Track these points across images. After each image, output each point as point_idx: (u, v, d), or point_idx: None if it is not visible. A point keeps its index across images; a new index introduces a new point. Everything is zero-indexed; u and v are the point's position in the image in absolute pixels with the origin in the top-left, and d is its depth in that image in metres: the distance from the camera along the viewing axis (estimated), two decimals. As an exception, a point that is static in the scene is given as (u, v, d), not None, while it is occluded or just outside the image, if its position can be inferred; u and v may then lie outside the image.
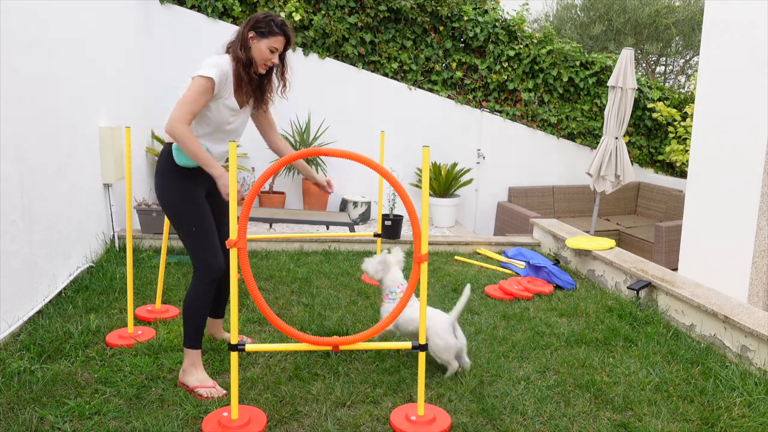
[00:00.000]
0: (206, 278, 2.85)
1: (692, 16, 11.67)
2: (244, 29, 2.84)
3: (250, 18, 2.87)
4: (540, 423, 2.67)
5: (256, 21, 2.84)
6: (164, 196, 2.87)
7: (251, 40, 2.84)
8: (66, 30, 4.25)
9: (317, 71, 7.62)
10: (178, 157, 2.82)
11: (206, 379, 2.86)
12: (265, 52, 2.85)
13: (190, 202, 2.86)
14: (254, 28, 2.83)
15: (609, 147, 7.13)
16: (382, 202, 4.70)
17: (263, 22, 2.83)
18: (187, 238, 2.86)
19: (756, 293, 5.14)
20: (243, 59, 2.82)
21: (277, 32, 2.84)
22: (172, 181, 2.85)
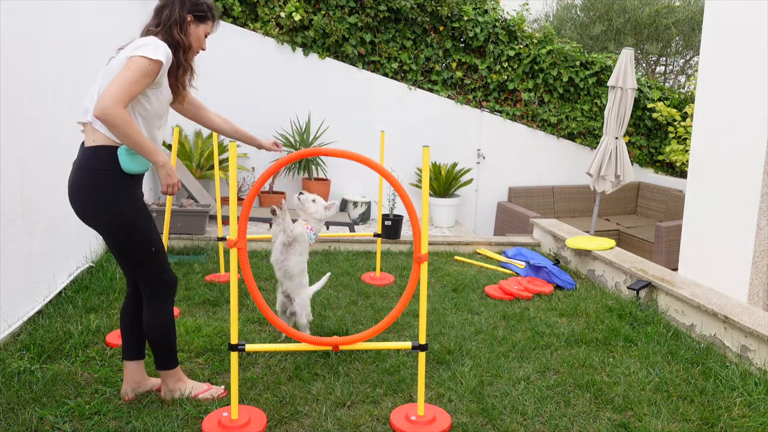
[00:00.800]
0: (170, 295, 2.61)
1: (692, 16, 11.67)
2: (181, 11, 2.49)
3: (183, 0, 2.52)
4: (540, 423, 2.67)
5: (193, 3, 2.52)
6: (111, 212, 2.39)
7: (189, 25, 2.52)
8: (66, 30, 4.25)
9: (317, 71, 7.62)
10: (128, 162, 2.37)
11: (198, 385, 2.77)
12: (202, 38, 2.60)
13: (142, 214, 2.47)
14: (193, 11, 2.52)
15: (609, 147, 7.13)
16: (382, 202, 4.70)
17: (200, 5, 2.54)
18: (142, 256, 2.48)
19: (756, 293, 5.14)
20: (184, 45, 2.50)
21: (213, 16, 2.61)
22: (119, 192, 2.39)
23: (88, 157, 2.38)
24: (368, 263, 5.13)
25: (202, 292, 4.15)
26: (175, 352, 2.71)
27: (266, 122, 7.49)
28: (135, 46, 2.36)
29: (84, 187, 2.38)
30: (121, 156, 2.36)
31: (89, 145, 2.39)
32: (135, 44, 2.38)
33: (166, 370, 2.69)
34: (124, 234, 2.44)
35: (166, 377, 2.71)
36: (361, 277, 4.73)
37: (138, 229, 2.46)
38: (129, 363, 2.71)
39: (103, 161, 2.36)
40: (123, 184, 2.40)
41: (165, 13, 2.49)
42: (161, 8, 2.51)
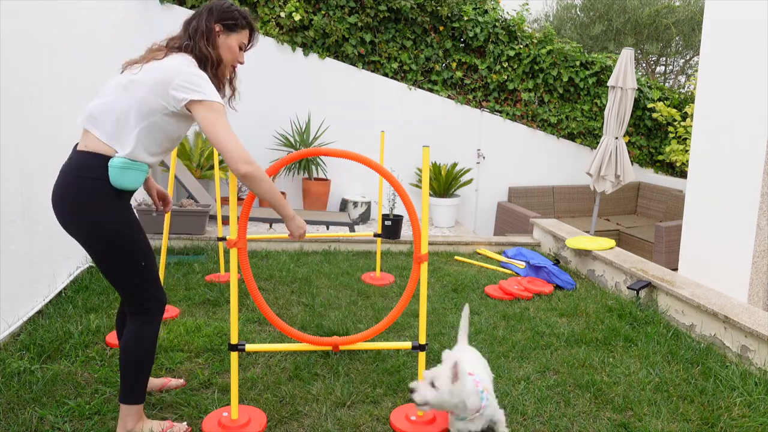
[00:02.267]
0: (160, 315, 2.37)
1: (692, 16, 11.67)
2: (208, 21, 2.30)
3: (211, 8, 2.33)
4: (540, 423, 2.67)
5: (222, 11, 2.33)
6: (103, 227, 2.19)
7: (218, 36, 2.33)
8: (66, 30, 4.25)
9: (317, 71, 7.62)
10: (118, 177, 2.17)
11: (159, 423, 2.44)
12: (235, 50, 2.39)
13: (135, 229, 2.27)
14: (221, 20, 2.32)
15: (609, 147, 7.13)
16: (382, 202, 4.70)
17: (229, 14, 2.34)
18: (133, 273, 2.27)
19: (756, 293, 5.14)
20: (212, 58, 2.31)
21: (245, 25, 2.39)
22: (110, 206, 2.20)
23: (77, 163, 2.20)
24: (368, 263, 5.13)
25: (202, 292, 4.15)
26: (145, 386, 2.37)
27: (266, 122, 7.49)
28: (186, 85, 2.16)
29: (69, 192, 2.20)
30: (112, 169, 2.16)
31: (80, 149, 2.22)
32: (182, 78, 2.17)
33: (129, 405, 2.34)
34: (117, 250, 2.22)
35: (126, 415, 2.34)
36: (361, 277, 4.73)
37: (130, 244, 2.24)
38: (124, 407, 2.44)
39: (93, 170, 2.17)
40: (115, 198, 2.20)
41: (192, 25, 2.32)
42: (189, 20, 2.34)
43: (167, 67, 2.21)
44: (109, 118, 2.19)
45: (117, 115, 2.19)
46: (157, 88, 2.18)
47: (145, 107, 2.19)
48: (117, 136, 2.19)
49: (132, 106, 2.19)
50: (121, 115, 2.19)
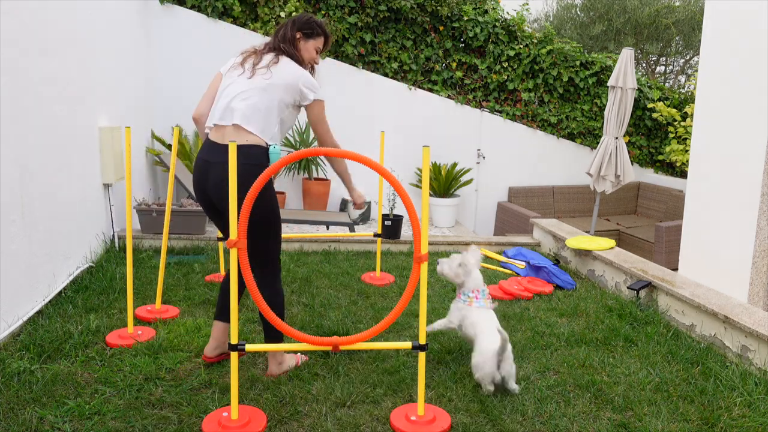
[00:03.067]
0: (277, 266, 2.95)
1: (692, 16, 11.67)
2: (291, 30, 2.98)
3: (293, 20, 3.02)
4: (540, 423, 2.67)
5: (301, 22, 3.00)
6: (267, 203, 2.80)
7: (299, 41, 2.99)
8: (66, 30, 4.25)
9: (317, 71, 7.61)
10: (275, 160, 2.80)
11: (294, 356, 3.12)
12: (312, 53, 3.04)
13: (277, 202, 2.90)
14: (300, 29, 2.99)
15: (609, 147, 7.13)
16: (382, 202, 4.70)
17: (308, 24, 3.01)
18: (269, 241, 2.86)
19: (756, 293, 5.14)
20: (298, 59, 2.97)
21: (321, 33, 3.05)
22: (271, 186, 2.84)
23: (247, 155, 2.72)
24: (368, 263, 5.13)
25: (202, 292, 4.15)
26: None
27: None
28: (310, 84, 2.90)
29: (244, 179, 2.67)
30: (273, 155, 2.78)
31: (243, 144, 2.73)
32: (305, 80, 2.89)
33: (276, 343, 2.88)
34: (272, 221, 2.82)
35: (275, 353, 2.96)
36: (361, 277, 4.73)
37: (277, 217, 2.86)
38: (219, 323, 3.05)
39: (260, 158, 2.76)
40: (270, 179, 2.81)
41: (279, 34, 2.99)
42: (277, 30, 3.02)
43: (291, 71, 2.89)
44: (258, 116, 2.78)
45: (264, 113, 2.79)
46: (289, 89, 2.85)
47: (282, 104, 2.84)
48: (266, 130, 2.80)
49: (273, 105, 2.82)
50: (267, 112, 2.80)
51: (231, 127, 2.80)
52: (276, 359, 3.01)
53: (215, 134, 2.85)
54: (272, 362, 3.02)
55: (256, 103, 2.79)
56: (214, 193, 2.83)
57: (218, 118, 2.83)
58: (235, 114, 2.79)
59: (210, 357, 3.08)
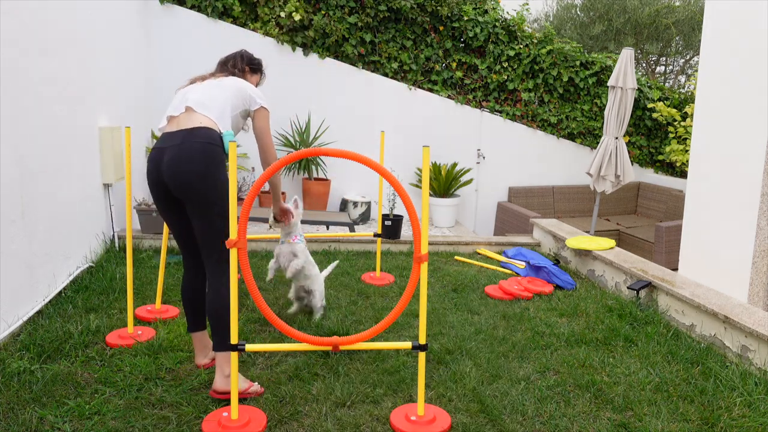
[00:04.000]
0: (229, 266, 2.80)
1: (692, 16, 11.67)
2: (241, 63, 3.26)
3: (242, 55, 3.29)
4: (540, 423, 2.67)
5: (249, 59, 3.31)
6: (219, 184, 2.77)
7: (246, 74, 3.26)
8: (65, 30, 4.25)
9: (317, 71, 7.62)
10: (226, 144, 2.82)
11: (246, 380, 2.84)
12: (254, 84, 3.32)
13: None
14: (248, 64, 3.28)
15: (609, 147, 7.13)
16: (382, 202, 4.70)
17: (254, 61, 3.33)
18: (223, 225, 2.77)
19: (756, 293, 5.14)
20: None
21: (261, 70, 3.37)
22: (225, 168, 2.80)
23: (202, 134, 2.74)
24: (368, 263, 5.13)
25: (202, 292, 4.15)
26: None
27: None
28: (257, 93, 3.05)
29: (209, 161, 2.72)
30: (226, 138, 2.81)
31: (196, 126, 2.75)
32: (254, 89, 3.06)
33: (222, 352, 2.74)
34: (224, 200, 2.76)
35: (223, 362, 2.73)
36: (361, 277, 4.73)
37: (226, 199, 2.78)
38: (195, 334, 3.05)
39: (215, 139, 2.77)
40: (224, 161, 2.83)
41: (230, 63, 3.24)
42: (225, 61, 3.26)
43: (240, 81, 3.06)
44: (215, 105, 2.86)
45: (220, 103, 2.88)
46: (238, 93, 2.97)
47: (234, 104, 2.94)
48: (221, 118, 2.86)
49: (228, 100, 2.92)
50: (222, 104, 2.89)
51: (184, 113, 2.81)
52: (223, 372, 2.75)
53: (169, 126, 2.84)
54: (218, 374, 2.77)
55: (212, 94, 2.89)
56: (168, 175, 2.72)
57: (171, 111, 2.86)
58: (189, 101, 2.83)
59: (205, 363, 3.07)
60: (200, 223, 2.76)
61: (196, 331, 3.04)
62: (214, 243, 2.78)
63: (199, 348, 3.07)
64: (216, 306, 2.74)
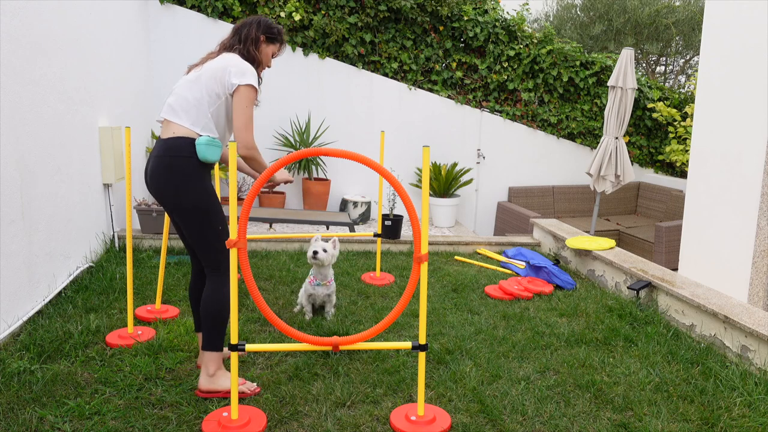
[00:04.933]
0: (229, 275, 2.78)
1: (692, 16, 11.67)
2: (256, 31, 2.93)
3: (259, 22, 2.96)
4: (540, 423, 2.67)
5: (266, 26, 2.97)
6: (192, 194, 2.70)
7: (261, 44, 2.96)
8: (66, 30, 4.25)
9: (317, 71, 7.62)
10: (206, 152, 2.70)
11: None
12: (269, 57, 3.03)
13: (214, 196, 2.79)
14: (265, 32, 2.96)
15: (609, 147, 7.13)
16: (382, 202, 4.70)
17: (272, 29, 2.99)
18: (213, 235, 2.75)
19: (756, 293, 5.14)
20: (257, 59, 2.94)
21: (281, 39, 3.04)
22: (198, 178, 2.72)
23: (169, 147, 2.68)
24: (368, 263, 5.13)
25: (202, 292, 4.15)
26: (223, 336, 2.79)
27: (266, 122, 7.49)
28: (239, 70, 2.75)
29: (166, 170, 2.68)
30: (199, 146, 2.68)
31: (169, 137, 2.70)
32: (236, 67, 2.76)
33: (213, 352, 2.75)
34: (203, 213, 2.71)
35: (209, 361, 2.75)
36: (361, 277, 4.73)
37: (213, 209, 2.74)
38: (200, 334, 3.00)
39: (183, 150, 2.68)
40: (202, 171, 2.73)
41: (243, 32, 2.93)
42: (239, 27, 2.95)
43: (222, 59, 2.81)
44: (187, 107, 2.72)
45: (193, 103, 2.72)
46: (216, 74, 2.74)
47: (213, 93, 2.74)
48: (197, 121, 2.72)
49: (203, 95, 2.73)
50: (197, 103, 2.72)
51: (163, 120, 2.80)
52: (207, 370, 2.77)
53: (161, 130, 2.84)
54: (203, 373, 2.79)
55: (184, 95, 2.76)
56: (148, 186, 2.80)
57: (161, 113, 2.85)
58: (165, 107, 2.80)
59: None
60: (187, 232, 2.77)
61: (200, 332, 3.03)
62: (204, 252, 2.76)
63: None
64: (208, 307, 2.75)
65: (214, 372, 2.77)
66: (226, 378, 2.78)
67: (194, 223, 2.73)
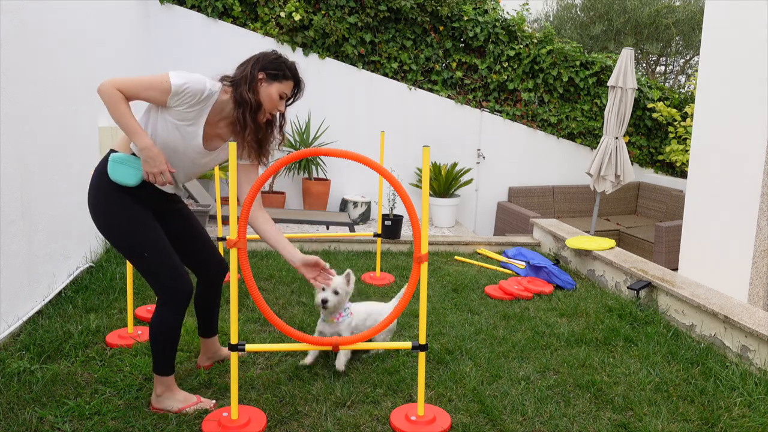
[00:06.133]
0: (174, 304, 2.53)
1: (692, 16, 11.67)
2: (252, 68, 2.48)
3: (258, 57, 2.53)
4: (540, 423, 2.67)
5: (267, 61, 2.52)
6: (103, 218, 2.47)
7: (260, 83, 2.50)
8: (66, 30, 4.25)
9: (317, 71, 7.62)
10: (114, 172, 2.40)
11: (188, 397, 2.68)
12: (275, 98, 2.53)
13: (134, 222, 2.48)
14: (264, 68, 2.50)
15: (609, 147, 7.13)
16: (382, 202, 4.70)
17: (274, 64, 2.52)
18: (140, 264, 2.50)
19: (756, 293, 5.14)
20: (251, 103, 2.47)
21: (289, 76, 2.55)
22: (110, 200, 2.45)
23: (96, 168, 2.50)
24: (368, 263, 5.13)
25: (202, 292, 4.14)
26: (167, 363, 2.61)
27: (266, 122, 7.49)
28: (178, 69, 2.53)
29: (90, 192, 2.52)
30: (110, 163, 2.41)
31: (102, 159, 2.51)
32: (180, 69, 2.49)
33: (157, 375, 2.63)
34: (118, 240, 2.52)
35: (157, 383, 2.64)
36: (361, 277, 4.73)
37: (130, 236, 2.48)
38: (204, 339, 3.00)
39: (99, 172, 2.47)
40: (117, 193, 2.45)
41: (240, 69, 2.52)
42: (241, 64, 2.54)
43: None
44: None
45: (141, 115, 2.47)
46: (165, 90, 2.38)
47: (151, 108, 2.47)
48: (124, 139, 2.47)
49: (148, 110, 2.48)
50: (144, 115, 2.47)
51: None
52: (155, 389, 2.64)
53: None
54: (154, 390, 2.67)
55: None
56: None
57: None
58: None
59: (206, 365, 3.08)
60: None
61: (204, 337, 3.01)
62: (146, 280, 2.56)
63: (203, 350, 3.07)
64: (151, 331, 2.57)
65: (162, 393, 2.64)
66: (173, 400, 2.62)
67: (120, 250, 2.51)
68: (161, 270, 2.52)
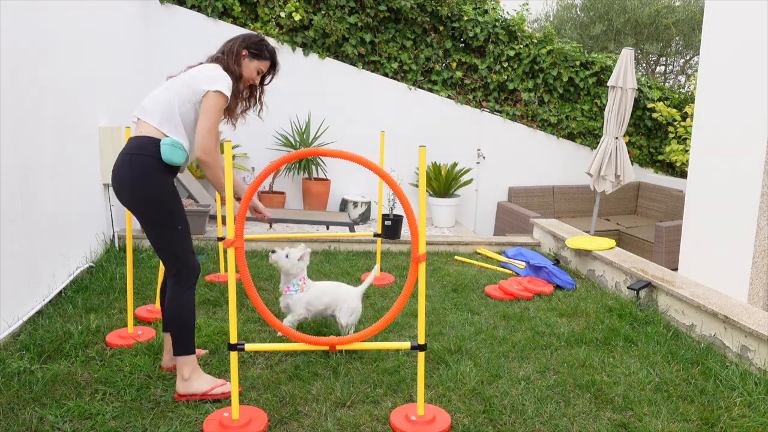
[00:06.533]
0: (193, 279, 2.79)
1: (692, 16, 11.67)
2: (239, 46, 2.92)
3: (245, 36, 2.97)
4: (540, 423, 2.67)
5: (251, 41, 2.95)
6: (153, 195, 2.68)
7: (243, 58, 2.93)
8: (66, 30, 4.25)
9: (317, 71, 7.62)
10: (169, 153, 2.67)
11: (214, 378, 2.80)
12: (253, 72, 2.97)
13: (176, 199, 2.75)
14: (248, 47, 2.94)
15: (609, 147, 7.13)
16: (382, 202, 4.70)
17: (257, 45, 2.96)
18: (172, 238, 2.72)
19: (756, 293, 5.14)
20: (236, 73, 2.90)
21: (267, 57, 2.99)
22: (160, 178, 2.70)
23: (134, 145, 2.69)
24: (368, 263, 5.13)
25: (203, 292, 4.15)
26: (193, 340, 2.76)
27: (266, 122, 7.48)
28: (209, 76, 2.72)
29: (126, 166, 2.67)
30: (163, 146, 2.66)
31: (137, 135, 2.72)
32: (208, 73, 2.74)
33: (184, 356, 2.72)
34: (163, 214, 2.69)
35: (183, 365, 2.72)
36: (361, 277, 4.73)
37: (173, 211, 2.71)
38: (167, 335, 2.97)
39: (144, 148, 2.67)
40: (165, 172, 2.71)
41: (227, 46, 2.94)
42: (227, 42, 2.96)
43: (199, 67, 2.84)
44: (158, 109, 2.72)
45: (163, 106, 2.72)
46: (189, 81, 2.74)
47: (183, 96, 2.72)
48: (165, 122, 2.70)
49: (173, 96, 2.73)
50: (166, 106, 2.71)
51: (135, 121, 2.80)
52: (182, 375, 2.74)
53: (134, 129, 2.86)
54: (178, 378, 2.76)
55: (157, 97, 2.75)
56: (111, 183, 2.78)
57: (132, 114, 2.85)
58: (137, 108, 2.80)
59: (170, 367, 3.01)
60: (145, 231, 2.75)
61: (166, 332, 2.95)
62: (162, 255, 2.76)
63: (167, 348, 3.00)
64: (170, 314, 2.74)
65: (189, 376, 2.74)
66: (201, 381, 2.75)
67: (150, 220, 2.70)
68: (187, 246, 2.77)
